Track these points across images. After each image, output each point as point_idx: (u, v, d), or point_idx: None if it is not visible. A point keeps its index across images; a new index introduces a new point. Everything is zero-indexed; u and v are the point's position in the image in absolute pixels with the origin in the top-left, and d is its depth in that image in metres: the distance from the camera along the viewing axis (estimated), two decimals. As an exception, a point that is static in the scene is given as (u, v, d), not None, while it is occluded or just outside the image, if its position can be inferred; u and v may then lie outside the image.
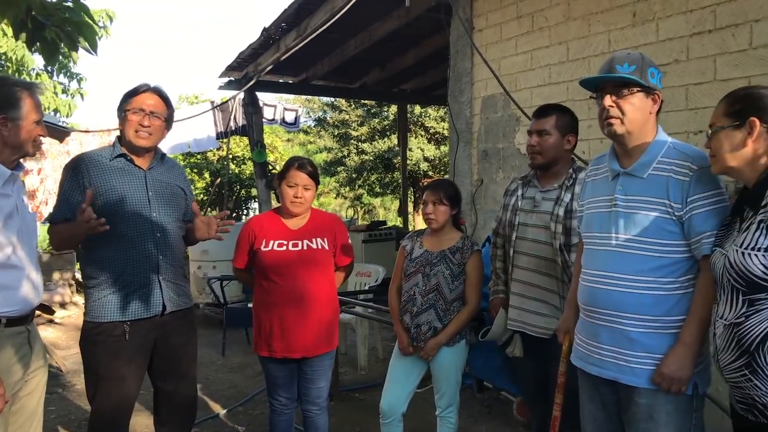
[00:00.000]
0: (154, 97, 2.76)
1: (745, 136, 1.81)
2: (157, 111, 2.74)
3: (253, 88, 7.98)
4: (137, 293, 2.67)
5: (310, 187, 3.06)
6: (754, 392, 1.79)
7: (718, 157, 1.89)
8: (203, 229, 2.81)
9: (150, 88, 2.78)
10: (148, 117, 2.71)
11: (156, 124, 2.74)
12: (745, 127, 1.81)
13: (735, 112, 1.84)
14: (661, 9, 3.52)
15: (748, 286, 1.78)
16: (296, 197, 3.03)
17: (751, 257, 1.76)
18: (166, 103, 2.80)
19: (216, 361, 5.93)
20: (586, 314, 2.26)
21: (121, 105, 2.76)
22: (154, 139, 2.76)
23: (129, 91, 2.77)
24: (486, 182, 4.84)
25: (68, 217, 2.60)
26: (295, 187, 3.03)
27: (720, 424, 3.07)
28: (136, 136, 2.71)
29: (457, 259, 3.09)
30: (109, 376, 2.63)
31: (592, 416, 2.29)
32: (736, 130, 1.83)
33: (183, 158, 13.51)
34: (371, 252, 8.33)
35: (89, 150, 2.89)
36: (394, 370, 3.20)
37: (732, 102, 1.87)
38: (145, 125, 2.70)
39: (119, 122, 2.77)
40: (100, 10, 9.34)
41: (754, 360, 1.77)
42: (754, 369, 1.77)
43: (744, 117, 1.82)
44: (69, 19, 2.55)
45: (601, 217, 2.21)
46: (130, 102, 2.73)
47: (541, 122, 2.84)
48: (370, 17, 6.17)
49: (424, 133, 16.48)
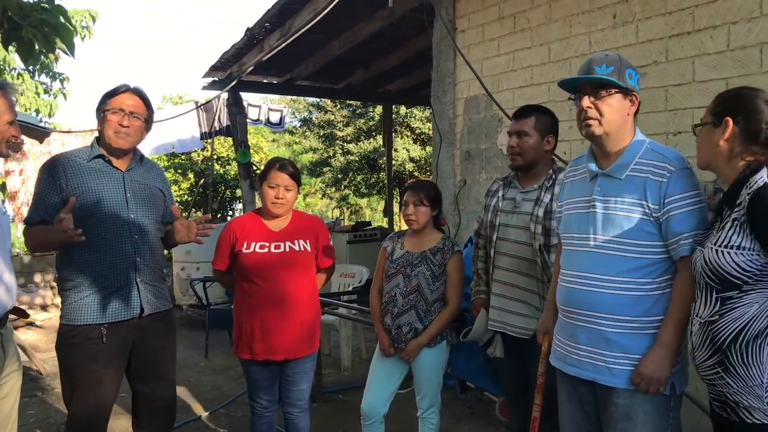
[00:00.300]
0: (134, 97, 2.74)
1: (720, 134, 1.86)
2: (137, 111, 2.72)
3: (237, 89, 7.94)
4: (114, 295, 2.64)
5: (292, 188, 3.05)
6: (726, 390, 1.82)
7: (699, 152, 1.96)
8: (183, 232, 2.79)
9: (130, 89, 2.75)
10: (128, 117, 2.68)
11: (135, 125, 2.71)
12: (720, 126, 1.85)
13: (718, 110, 1.89)
14: (640, 11, 3.54)
15: (721, 283, 1.82)
16: (277, 198, 3.01)
17: (724, 255, 1.79)
18: (146, 104, 2.78)
19: (199, 363, 5.89)
20: (564, 315, 2.27)
21: (100, 105, 2.73)
22: (133, 140, 2.74)
23: (108, 92, 2.75)
24: (469, 183, 4.85)
25: (44, 218, 2.57)
26: (276, 188, 3.01)
27: (699, 423, 3.10)
28: (115, 137, 2.68)
29: (437, 259, 3.09)
30: (86, 380, 2.60)
31: (571, 416, 2.29)
32: (716, 128, 1.88)
33: (167, 159, 13.42)
34: (356, 253, 8.32)
35: (67, 150, 2.86)
36: (375, 371, 3.19)
37: (719, 101, 1.93)
38: (125, 125, 2.67)
39: (98, 123, 2.75)
40: (83, 10, 9.27)
41: (726, 358, 1.81)
42: (726, 367, 1.81)
43: (721, 115, 1.86)
44: (46, 21, 2.52)
45: (580, 218, 2.22)
46: (109, 102, 2.70)
47: (520, 123, 2.84)
48: (354, 17, 6.16)
49: (410, 133, 16.48)
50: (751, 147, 1.83)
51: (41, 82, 9.80)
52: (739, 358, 1.79)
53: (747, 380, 1.78)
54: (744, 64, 3.06)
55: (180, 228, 2.79)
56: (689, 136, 3.28)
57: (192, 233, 2.78)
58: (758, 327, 1.77)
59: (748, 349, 1.78)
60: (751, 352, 1.77)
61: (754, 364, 1.77)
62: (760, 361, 1.76)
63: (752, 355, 1.77)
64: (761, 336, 1.77)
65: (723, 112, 1.87)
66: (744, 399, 1.79)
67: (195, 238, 2.79)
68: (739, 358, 1.79)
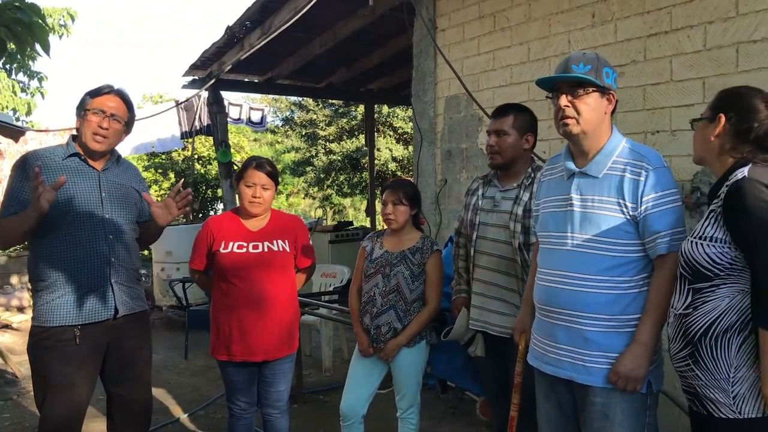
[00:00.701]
0: (117, 99, 2.70)
1: (713, 130, 1.89)
2: (118, 114, 2.68)
3: (217, 87, 7.88)
4: (88, 296, 2.60)
5: (269, 186, 3.01)
6: (696, 382, 1.86)
7: (694, 146, 2.00)
8: (163, 214, 2.72)
9: (113, 90, 2.71)
10: (108, 119, 2.64)
11: (115, 128, 2.68)
12: (714, 122, 1.89)
13: (715, 106, 1.93)
14: (619, 10, 3.55)
15: (693, 274, 1.86)
16: (254, 197, 2.98)
17: (698, 246, 1.83)
18: (128, 107, 2.75)
19: (178, 364, 5.83)
20: (542, 314, 2.26)
21: (82, 104, 2.69)
22: (110, 142, 2.70)
23: (91, 91, 2.70)
24: (450, 182, 4.84)
25: (17, 213, 2.53)
26: (254, 187, 2.98)
27: (676, 422, 3.12)
28: (92, 139, 2.64)
29: (417, 259, 3.08)
30: (59, 382, 2.55)
31: (548, 416, 2.29)
32: (710, 124, 1.91)
33: (147, 158, 13.30)
34: (338, 252, 8.28)
35: (41, 148, 2.81)
36: (354, 371, 3.17)
37: (718, 97, 1.96)
38: (104, 127, 2.63)
39: (77, 121, 2.70)
40: (61, 9, 9.15)
41: (697, 351, 1.84)
42: (696, 359, 1.84)
43: (716, 111, 1.90)
44: (19, 20, 2.47)
45: (557, 217, 2.21)
46: (91, 102, 2.66)
47: (499, 122, 2.84)
48: (335, 16, 6.13)
49: (393, 133, 16.47)
50: (740, 145, 1.86)
51: (18, 81, 9.66)
52: (709, 351, 1.82)
53: (715, 374, 1.81)
54: (720, 63, 3.08)
55: (158, 212, 2.72)
56: (667, 135, 3.31)
57: (173, 209, 2.72)
58: (728, 322, 1.80)
59: (718, 343, 1.81)
60: (719, 346, 1.81)
61: (722, 359, 1.80)
62: (728, 355, 1.80)
63: (721, 350, 1.81)
64: (730, 331, 1.80)
65: (719, 109, 1.91)
66: (711, 392, 1.82)
67: (178, 211, 2.73)
68: (709, 351, 1.82)
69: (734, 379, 1.78)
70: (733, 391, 1.78)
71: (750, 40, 2.97)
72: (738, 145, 1.86)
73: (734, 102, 1.89)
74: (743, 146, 1.85)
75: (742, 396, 1.76)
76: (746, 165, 1.80)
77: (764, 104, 1.87)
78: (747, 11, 2.97)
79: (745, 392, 1.76)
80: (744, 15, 2.99)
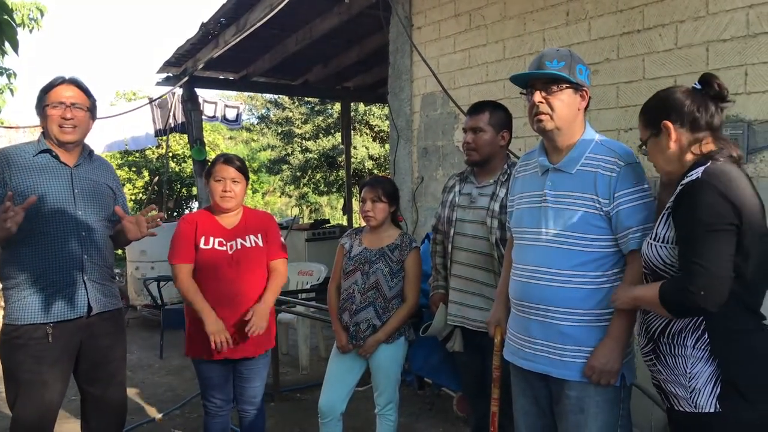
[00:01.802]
0: (72, 88, 2.66)
1: (666, 139, 1.89)
2: (78, 102, 2.64)
3: (192, 84, 7.79)
4: (60, 293, 2.57)
5: (239, 180, 3.00)
6: (659, 376, 1.91)
7: (658, 166, 1.98)
8: (133, 229, 2.71)
9: (66, 80, 2.67)
10: (70, 109, 2.61)
11: (79, 116, 2.64)
12: (663, 132, 1.89)
13: (650, 121, 1.94)
14: (593, 8, 3.60)
15: (652, 274, 1.90)
16: (225, 191, 2.96)
17: (652, 247, 1.87)
18: (86, 93, 2.70)
19: (153, 364, 5.77)
20: (517, 309, 2.28)
21: (39, 101, 2.65)
22: (80, 131, 2.67)
23: (44, 86, 2.66)
24: (426, 180, 4.86)
25: None
26: (223, 182, 2.97)
27: (650, 413, 3.17)
28: (60, 131, 2.60)
29: (395, 256, 3.08)
30: (31, 381, 2.52)
31: (524, 410, 2.31)
32: (658, 137, 1.91)
33: (120, 156, 13.12)
34: (315, 251, 8.26)
35: (11, 145, 2.76)
36: (332, 369, 3.17)
37: (645, 113, 1.98)
38: (68, 118, 2.60)
39: (40, 120, 2.66)
40: (30, 4, 8.98)
41: (658, 347, 1.89)
42: (657, 355, 1.90)
43: (657, 123, 1.90)
44: None
45: (531, 213, 2.24)
46: (47, 97, 2.62)
47: (475, 119, 2.86)
48: (311, 13, 6.11)
49: (369, 131, 16.46)
50: (697, 135, 1.87)
51: (-14, 78, 9.46)
52: (667, 348, 1.87)
53: (674, 369, 1.85)
54: (691, 61, 3.14)
55: (129, 226, 2.71)
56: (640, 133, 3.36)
57: (143, 228, 2.71)
58: (682, 322, 1.84)
59: (674, 340, 1.85)
60: (676, 343, 1.85)
61: (679, 355, 1.84)
62: (684, 352, 1.83)
63: (677, 347, 1.84)
64: (684, 330, 1.83)
65: (655, 120, 1.92)
66: (672, 387, 1.87)
67: (147, 232, 2.72)
68: (667, 348, 1.87)
69: (690, 374, 1.81)
70: (690, 386, 1.81)
71: (720, 39, 3.02)
72: (696, 137, 1.87)
73: (666, 106, 1.90)
74: (700, 135, 1.86)
75: (698, 390, 1.80)
76: (703, 164, 1.81)
77: (682, 94, 1.90)
78: (717, 11, 3.03)
79: (701, 387, 1.80)
80: (714, 14, 3.05)
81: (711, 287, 1.70)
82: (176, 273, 2.96)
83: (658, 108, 1.94)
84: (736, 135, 2.93)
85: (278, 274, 3.10)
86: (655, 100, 1.98)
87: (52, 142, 2.64)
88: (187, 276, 2.94)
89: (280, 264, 3.12)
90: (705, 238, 1.72)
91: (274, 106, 17.86)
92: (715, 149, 1.85)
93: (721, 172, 1.77)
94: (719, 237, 1.72)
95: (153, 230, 2.74)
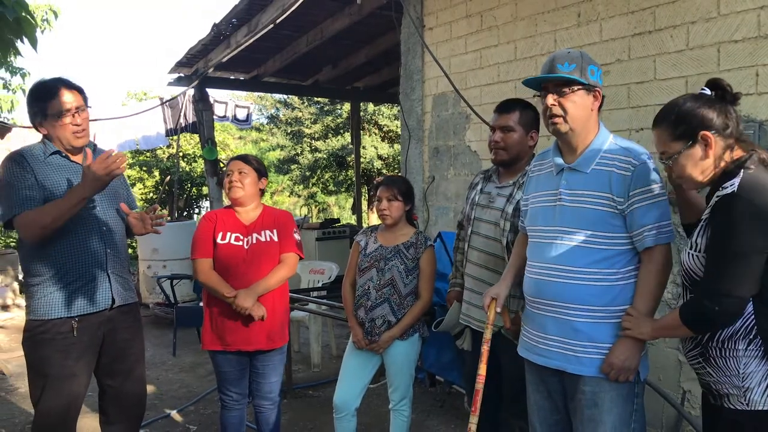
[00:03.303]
0: (72, 92, 2.67)
1: (702, 149, 1.88)
2: (80, 104, 2.69)
3: (203, 85, 7.87)
4: (85, 288, 2.63)
5: (246, 171, 3.11)
6: (708, 378, 1.94)
7: (686, 178, 1.94)
8: (138, 225, 2.83)
9: (62, 85, 2.66)
10: (78, 114, 2.66)
11: (85, 117, 2.71)
12: (699, 142, 1.87)
13: (682, 133, 1.90)
14: (604, 10, 3.63)
15: (692, 284, 1.93)
16: (232, 182, 3.08)
17: (693, 258, 1.90)
18: (80, 92, 2.72)
19: (167, 361, 5.83)
20: (531, 306, 2.31)
21: (41, 110, 2.63)
22: (88, 131, 2.75)
23: (41, 95, 2.64)
24: (437, 179, 4.90)
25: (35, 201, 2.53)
26: (231, 173, 3.10)
27: (662, 411, 3.20)
28: (74, 137, 2.67)
29: (411, 254, 3.13)
30: (59, 375, 2.57)
31: (538, 406, 2.35)
32: (692, 149, 1.89)
33: (131, 156, 13.22)
34: (325, 250, 8.31)
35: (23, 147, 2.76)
36: (347, 364, 3.21)
37: (675, 125, 1.91)
38: (78, 124, 2.66)
39: (43, 127, 2.66)
40: (45, 5, 9.07)
41: (707, 351, 1.92)
42: (706, 358, 1.92)
43: (693, 134, 1.88)
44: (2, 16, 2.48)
45: (546, 211, 2.27)
46: (50, 106, 2.62)
47: (505, 118, 2.81)
48: (322, 14, 6.16)
49: (378, 131, 16.51)
50: (729, 142, 1.88)
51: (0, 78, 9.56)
52: (717, 352, 1.90)
53: (725, 371, 1.88)
54: (702, 62, 3.16)
55: (135, 222, 2.82)
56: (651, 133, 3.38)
57: (147, 224, 2.81)
58: (732, 329, 1.86)
59: (725, 345, 1.88)
60: (727, 347, 1.88)
61: (731, 358, 1.87)
62: (736, 355, 1.86)
63: (729, 350, 1.88)
64: (735, 335, 1.86)
65: (688, 131, 1.88)
66: (723, 388, 1.90)
67: (151, 229, 2.82)
68: (717, 352, 1.90)
69: (744, 374, 1.85)
70: (744, 385, 1.86)
71: (731, 40, 3.05)
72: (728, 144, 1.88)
73: (700, 116, 1.88)
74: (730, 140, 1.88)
75: (752, 389, 1.85)
76: (735, 173, 1.82)
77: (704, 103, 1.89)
78: (728, 12, 3.06)
79: (754, 386, 1.84)
80: (725, 15, 3.07)
81: (731, 308, 1.80)
82: (197, 268, 3.06)
83: (690, 117, 1.89)
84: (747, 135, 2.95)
85: (283, 265, 3.10)
86: (684, 110, 1.91)
87: (61, 146, 2.68)
88: (209, 268, 3.03)
89: (290, 257, 3.13)
90: (736, 261, 1.77)
91: (283, 106, 17.94)
92: (745, 154, 1.87)
93: (757, 183, 1.79)
94: (750, 260, 1.77)
95: (157, 228, 2.82)
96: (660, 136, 1.97)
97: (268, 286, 3.02)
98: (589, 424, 2.15)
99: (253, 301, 2.94)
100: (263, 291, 3.00)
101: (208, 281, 3.01)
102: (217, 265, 3.04)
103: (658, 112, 2.01)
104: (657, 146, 1.99)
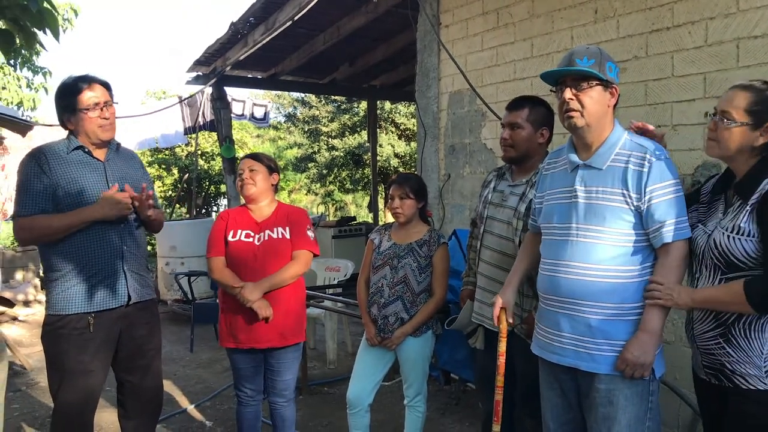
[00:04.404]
0: (99, 87, 2.73)
1: (757, 136, 1.96)
2: (108, 99, 2.75)
3: (221, 83, 7.92)
4: (103, 283, 2.67)
5: (257, 168, 3.15)
6: (725, 359, 1.99)
7: (722, 145, 2.02)
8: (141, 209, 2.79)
9: (90, 81, 2.72)
10: (107, 109, 2.72)
11: (112, 111, 2.76)
12: (761, 128, 1.95)
13: (755, 112, 1.96)
14: (621, 6, 3.60)
15: (728, 266, 1.98)
16: (244, 180, 3.13)
17: (735, 240, 1.95)
18: (107, 87, 2.78)
19: (184, 357, 5.89)
20: (545, 303, 2.30)
21: (70, 104, 2.69)
22: (115, 126, 2.78)
23: (70, 90, 2.69)
24: (453, 177, 4.89)
25: (41, 207, 2.58)
26: (243, 173, 3.15)
27: (678, 410, 3.17)
28: (102, 131, 2.71)
29: (424, 251, 3.13)
30: (75, 369, 2.61)
31: (552, 404, 2.34)
32: (752, 132, 1.97)
33: (150, 154, 13.35)
34: (341, 247, 8.34)
35: (45, 144, 2.82)
36: (361, 361, 3.23)
37: (756, 101, 1.97)
38: (107, 117, 2.71)
39: (70, 122, 2.71)
40: (65, 4, 9.19)
41: (730, 332, 1.98)
42: (728, 339, 1.99)
43: (762, 120, 1.95)
44: (27, 9, 2.51)
45: (561, 208, 2.26)
46: (78, 101, 2.67)
47: (513, 115, 2.80)
48: (339, 12, 6.18)
49: (395, 129, 16.52)
50: None
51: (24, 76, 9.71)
52: (742, 332, 1.97)
53: (748, 351, 1.95)
54: (721, 59, 3.12)
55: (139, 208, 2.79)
56: (668, 130, 3.35)
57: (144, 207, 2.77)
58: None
59: (752, 326, 1.96)
60: (754, 328, 1.96)
61: (756, 338, 1.95)
62: (761, 335, 1.94)
63: (755, 331, 1.95)
64: (763, 317, 1.94)
65: (760, 115, 1.95)
66: (742, 367, 1.96)
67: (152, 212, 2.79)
68: (742, 332, 1.97)
69: (766, 355, 1.94)
70: (765, 366, 1.93)
71: (750, 36, 3.01)
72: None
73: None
74: None
75: None
76: None
77: None
78: (747, 7, 3.02)
79: None
80: (744, 11, 3.03)
81: None
82: (211, 266, 3.12)
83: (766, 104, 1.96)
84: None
85: (295, 262, 3.09)
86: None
87: (87, 141, 2.73)
88: (222, 265, 3.08)
89: (302, 254, 3.11)
90: None
91: (301, 105, 18.01)
92: None
93: None
94: None
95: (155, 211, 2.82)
96: (735, 97, 2.01)
97: (276, 282, 3.03)
98: (603, 422, 2.14)
99: (258, 295, 2.96)
100: (270, 287, 3.01)
101: (221, 278, 3.07)
102: (229, 263, 3.08)
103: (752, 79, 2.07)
104: (724, 103, 2.02)
